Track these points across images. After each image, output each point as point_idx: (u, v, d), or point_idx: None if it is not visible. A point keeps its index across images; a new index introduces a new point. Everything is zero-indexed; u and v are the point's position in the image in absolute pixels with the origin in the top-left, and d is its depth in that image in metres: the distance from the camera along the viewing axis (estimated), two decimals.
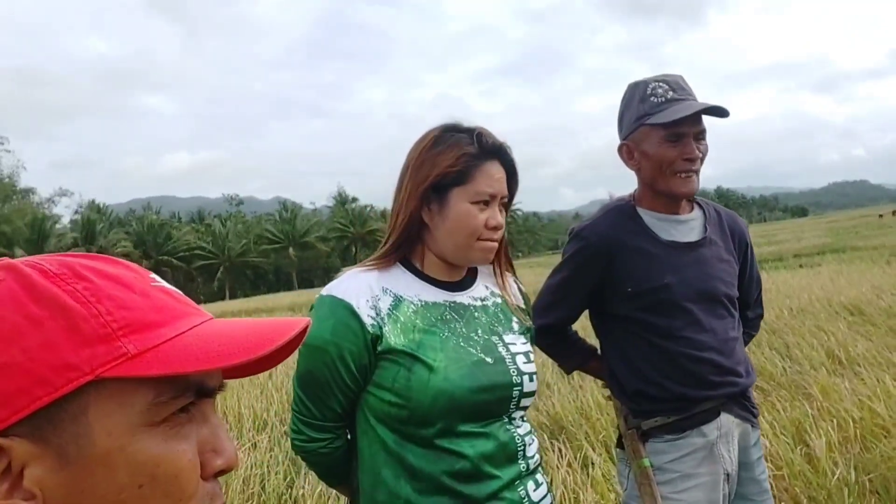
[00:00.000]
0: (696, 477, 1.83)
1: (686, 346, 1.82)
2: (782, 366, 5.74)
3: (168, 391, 0.53)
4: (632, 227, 1.90)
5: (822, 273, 13.58)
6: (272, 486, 4.16)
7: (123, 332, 0.52)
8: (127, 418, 0.52)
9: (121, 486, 0.51)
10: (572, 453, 3.99)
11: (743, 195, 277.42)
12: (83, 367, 0.50)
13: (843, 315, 7.86)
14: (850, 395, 4.37)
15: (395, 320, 1.43)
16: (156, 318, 0.54)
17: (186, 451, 0.54)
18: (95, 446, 0.51)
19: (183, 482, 0.54)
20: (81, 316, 0.52)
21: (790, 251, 26.30)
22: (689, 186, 1.84)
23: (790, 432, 3.87)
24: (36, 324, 0.50)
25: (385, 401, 1.41)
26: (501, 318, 1.57)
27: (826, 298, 9.05)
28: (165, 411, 0.53)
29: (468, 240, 1.47)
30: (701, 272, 1.86)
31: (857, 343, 6.20)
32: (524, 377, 1.49)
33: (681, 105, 1.78)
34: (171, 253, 77.57)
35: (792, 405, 4.44)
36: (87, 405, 0.51)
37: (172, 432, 0.54)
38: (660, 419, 1.86)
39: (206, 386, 0.56)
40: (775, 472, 3.40)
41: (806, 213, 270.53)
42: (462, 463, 1.40)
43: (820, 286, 10.70)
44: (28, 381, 0.49)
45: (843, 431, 3.80)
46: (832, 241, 30.03)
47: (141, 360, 0.51)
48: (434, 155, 1.48)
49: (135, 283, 0.57)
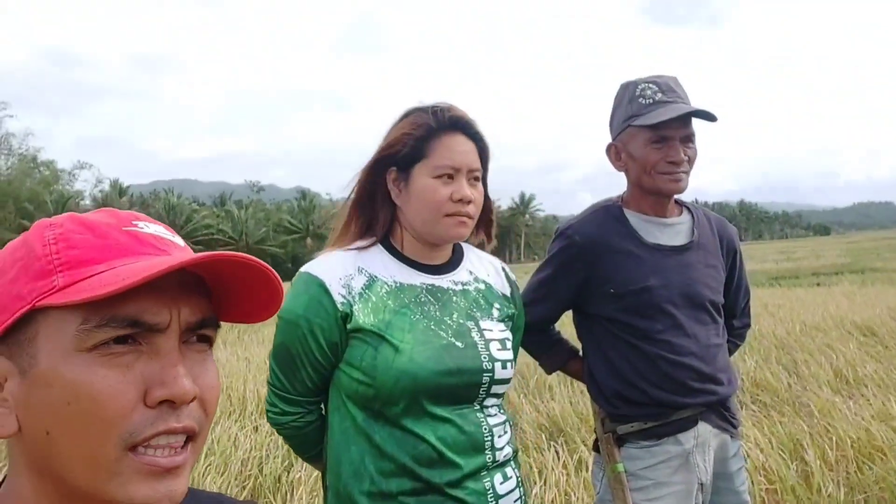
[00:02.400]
0: (670, 485, 1.81)
1: (666, 350, 1.81)
2: (787, 381, 5.72)
3: (92, 319, 0.59)
4: (617, 228, 1.89)
5: (838, 292, 13.46)
6: (269, 469, 4.20)
7: (60, 269, 0.60)
8: (61, 343, 0.59)
9: (55, 402, 0.58)
10: (568, 455, 4.00)
11: (765, 210, 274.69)
12: (27, 298, 0.60)
13: (856, 335, 7.80)
14: (850, 414, 4.35)
15: (366, 300, 1.43)
16: (94, 256, 0.61)
17: (109, 377, 0.58)
18: (40, 365, 0.59)
19: (102, 405, 0.58)
20: (36, 256, 0.61)
21: (808, 269, 26.08)
22: (677, 185, 1.83)
23: (787, 447, 3.86)
24: (14, 262, 0.62)
25: (354, 378, 1.42)
26: (482, 303, 1.56)
27: (839, 317, 8.98)
28: (93, 338, 0.59)
29: (434, 215, 1.46)
30: (685, 276, 1.85)
31: (867, 364, 6.15)
32: (496, 364, 1.48)
33: (667, 108, 1.76)
34: (190, 235, 78.08)
35: (792, 421, 4.42)
36: (38, 330, 0.60)
37: (103, 360, 0.59)
38: (636, 425, 1.84)
39: (142, 320, 0.60)
40: (768, 485, 3.40)
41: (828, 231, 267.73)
42: (423, 446, 1.40)
43: (835, 305, 10.61)
44: (1, 308, 0.61)
45: (841, 450, 3.79)
46: (852, 261, 29.73)
47: (63, 291, 0.59)
48: (393, 131, 1.50)
49: (103, 227, 0.64)
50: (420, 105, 1.52)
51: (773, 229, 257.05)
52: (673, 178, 1.81)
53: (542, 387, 5.97)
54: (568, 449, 4.20)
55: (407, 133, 1.47)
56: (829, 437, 3.92)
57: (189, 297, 0.63)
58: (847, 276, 20.61)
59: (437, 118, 1.47)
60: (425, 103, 1.51)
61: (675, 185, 1.82)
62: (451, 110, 1.49)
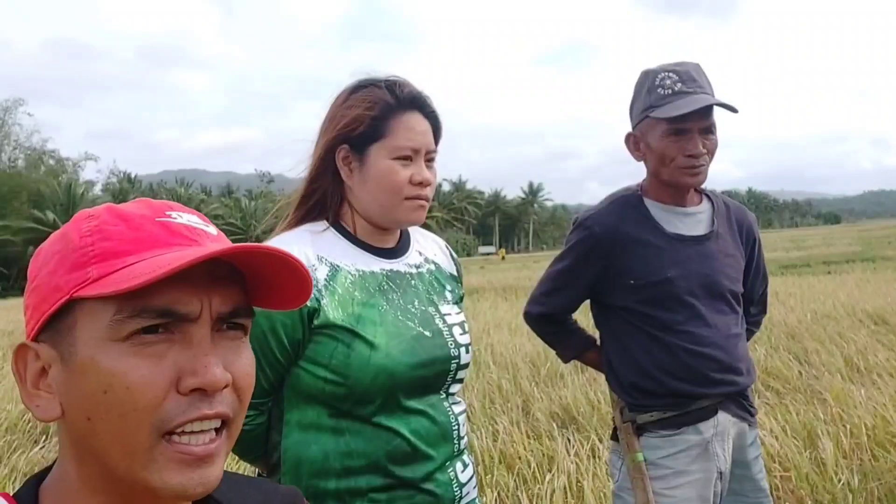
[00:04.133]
0: (689, 474, 1.81)
1: (687, 341, 1.79)
2: (798, 370, 5.71)
3: (125, 310, 0.60)
4: (637, 218, 1.86)
5: (849, 280, 13.40)
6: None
7: (95, 261, 0.62)
8: (97, 333, 0.61)
9: (92, 390, 0.60)
10: (580, 444, 4.02)
11: (775, 199, 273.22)
12: (64, 289, 0.62)
13: (867, 323, 7.79)
14: (864, 402, 4.35)
15: (332, 292, 1.34)
16: (127, 248, 0.63)
17: (142, 366, 0.60)
18: (79, 354, 0.61)
19: (135, 394, 0.60)
20: (73, 248, 0.64)
21: (819, 257, 25.94)
22: (695, 179, 1.81)
23: (801, 435, 3.87)
24: (54, 254, 0.65)
25: (319, 377, 1.33)
26: (436, 286, 1.51)
27: (850, 305, 8.95)
28: (126, 328, 0.60)
29: (393, 199, 1.39)
30: (705, 266, 1.83)
31: (878, 352, 6.14)
32: (461, 349, 1.44)
33: (686, 99, 1.72)
34: None
35: (806, 409, 4.43)
36: (76, 320, 0.62)
37: (136, 349, 0.60)
38: (656, 414, 1.83)
39: (174, 310, 0.61)
40: (783, 473, 3.41)
41: (839, 219, 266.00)
42: (398, 441, 1.34)
43: (846, 293, 10.58)
44: (40, 299, 0.64)
45: (855, 438, 3.79)
46: (862, 249, 29.55)
47: (96, 283, 0.61)
48: (345, 108, 1.40)
49: (137, 218, 0.65)
50: (371, 78, 1.42)
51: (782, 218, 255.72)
52: (691, 172, 1.79)
53: (554, 375, 5.98)
54: (579, 437, 4.22)
55: (365, 111, 1.38)
56: (844, 424, 3.93)
57: (220, 287, 0.64)
58: (858, 264, 20.49)
59: (396, 95, 1.39)
60: (375, 75, 1.43)
61: (694, 178, 1.80)
62: (407, 86, 1.41)
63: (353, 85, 1.43)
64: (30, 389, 0.63)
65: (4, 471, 4.35)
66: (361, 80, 1.43)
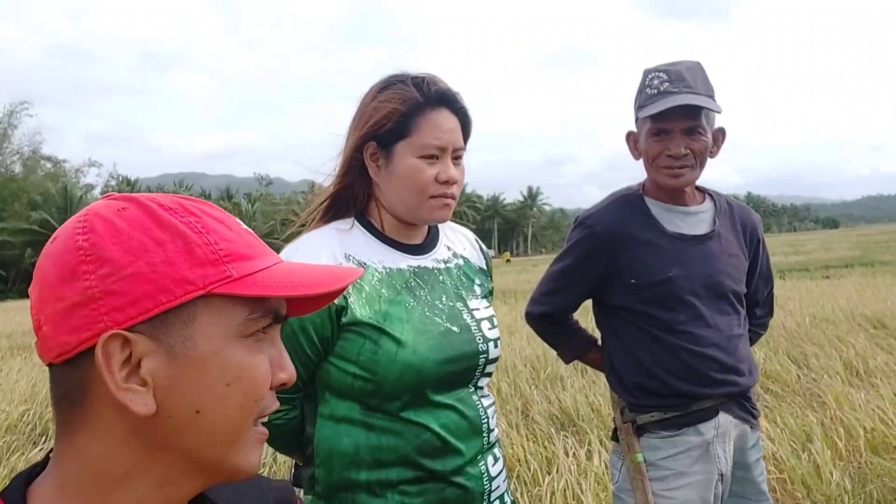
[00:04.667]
0: (690, 475, 1.80)
1: (688, 341, 1.79)
2: (797, 373, 5.72)
3: (258, 311, 0.65)
4: (638, 217, 1.86)
5: (848, 285, 13.41)
6: (283, 457, 4.24)
7: (228, 260, 0.64)
8: (225, 329, 0.63)
9: (212, 382, 0.63)
10: (578, 446, 4.02)
11: (774, 203, 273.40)
12: (198, 283, 0.62)
13: (865, 327, 7.79)
14: (864, 405, 4.36)
15: (359, 290, 1.36)
16: (248, 252, 0.66)
17: (264, 362, 0.66)
18: (197, 348, 0.62)
19: (260, 386, 0.65)
20: (196, 242, 0.63)
21: (818, 262, 25.95)
22: (677, 180, 1.80)
23: (800, 438, 3.88)
24: (159, 244, 0.62)
25: (349, 373, 1.35)
26: (465, 280, 1.51)
27: (849, 310, 8.95)
28: (253, 327, 0.65)
29: (418, 197, 1.39)
30: (707, 266, 1.82)
31: (877, 356, 6.15)
32: (489, 344, 1.45)
33: (667, 99, 1.72)
34: None
35: (804, 412, 4.44)
36: (195, 315, 0.62)
37: (256, 346, 0.66)
38: (657, 415, 1.82)
39: (279, 312, 0.68)
40: (778, 475, 3.42)
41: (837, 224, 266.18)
42: (427, 435, 1.36)
43: (844, 297, 10.58)
44: (153, 288, 0.60)
45: (853, 441, 3.80)
46: (861, 253, 29.56)
47: (242, 282, 0.63)
48: (374, 106, 1.40)
49: (230, 223, 0.69)
50: (401, 74, 1.42)
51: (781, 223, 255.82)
52: (671, 173, 1.79)
53: (553, 378, 5.99)
54: (579, 440, 4.23)
55: (394, 108, 1.38)
56: (842, 427, 3.94)
57: None
58: (857, 268, 20.49)
59: (424, 92, 1.39)
60: (406, 72, 1.43)
61: (674, 180, 1.80)
62: (436, 83, 1.41)
63: (382, 82, 1.43)
64: (120, 383, 0.60)
65: (4, 472, 4.35)
66: (390, 77, 1.43)
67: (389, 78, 1.43)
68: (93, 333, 0.60)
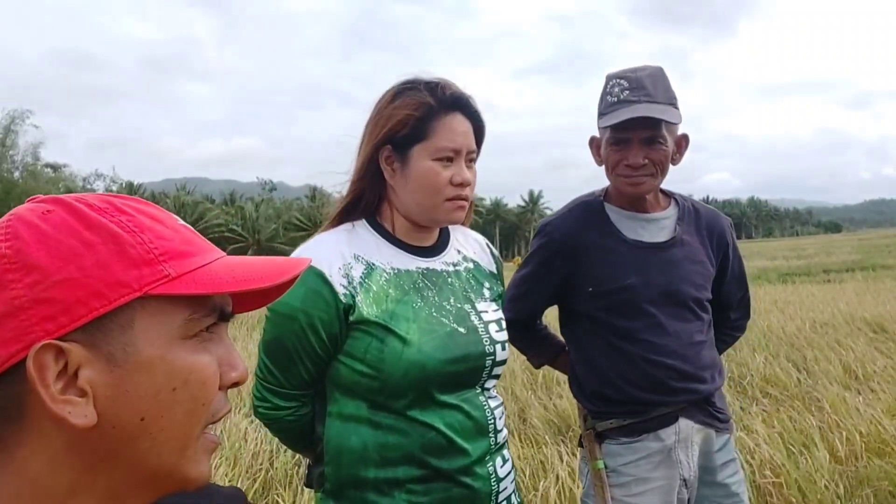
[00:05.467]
0: (651, 481, 1.79)
1: (645, 350, 1.77)
2: (797, 377, 5.71)
3: (200, 309, 0.62)
4: (597, 223, 1.85)
5: (848, 289, 13.40)
6: (280, 463, 4.23)
7: (164, 258, 0.61)
8: (167, 331, 0.60)
9: (158, 388, 0.60)
10: (575, 451, 4.01)
11: (776, 207, 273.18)
12: (133, 285, 0.59)
13: (865, 331, 7.78)
14: (863, 409, 4.34)
15: (367, 289, 1.38)
16: (187, 249, 0.63)
17: (211, 363, 0.63)
18: (140, 354, 0.59)
19: (208, 389, 0.63)
20: (129, 243, 0.60)
21: (818, 265, 25.94)
22: (635, 189, 1.78)
23: (798, 442, 3.86)
24: (89, 247, 0.58)
25: (356, 371, 1.37)
26: (473, 283, 1.53)
27: (849, 314, 8.95)
28: (197, 327, 0.62)
29: (433, 199, 1.41)
30: (667, 274, 1.80)
31: (877, 360, 6.14)
32: (497, 346, 1.46)
33: (626, 108, 1.70)
34: (203, 233, 77.54)
35: (802, 416, 4.42)
36: (134, 318, 0.59)
37: (201, 346, 0.63)
38: (615, 421, 1.82)
39: (224, 310, 0.66)
40: (774, 479, 3.40)
41: (839, 228, 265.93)
42: (432, 434, 1.37)
43: (845, 301, 10.58)
44: (85, 294, 0.57)
45: (850, 445, 3.79)
46: (862, 257, 29.55)
47: (180, 281, 0.60)
48: (389, 110, 1.42)
49: (165, 219, 0.65)
50: (414, 80, 1.45)
51: (783, 226, 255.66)
52: (630, 182, 1.77)
53: (550, 382, 5.98)
54: (573, 445, 4.22)
55: (409, 113, 1.40)
56: (840, 431, 3.92)
57: None
58: (858, 272, 20.48)
59: (438, 97, 1.41)
60: (419, 77, 1.45)
61: (633, 188, 1.78)
62: (449, 87, 1.43)
63: (397, 87, 1.46)
64: (57, 395, 0.56)
65: None
66: (405, 82, 1.45)
67: (403, 83, 1.45)
68: (23, 345, 0.56)
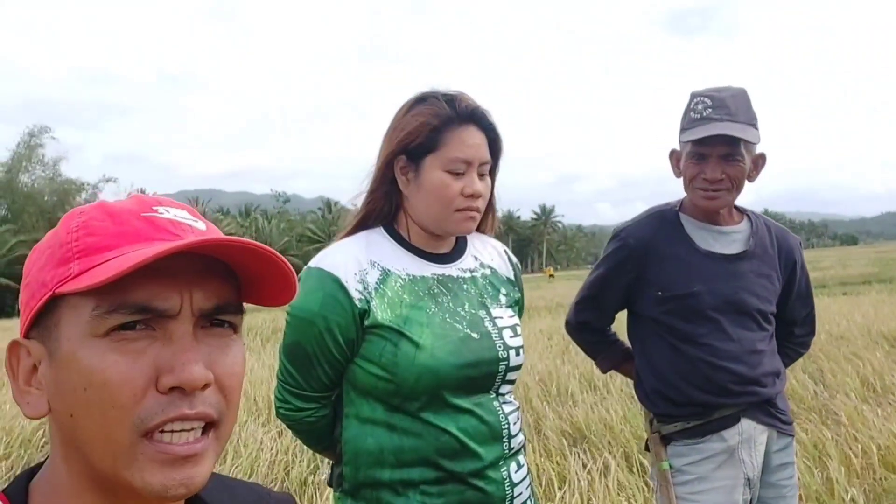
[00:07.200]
0: (714, 480, 1.86)
1: (707, 353, 1.86)
2: (814, 390, 5.66)
3: (103, 305, 0.59)
4: (671, 232, 1.94)
5: (865, 302, 13.27)
6: (296, 473, 4.25)
7: (77, 256, 0.62)
8: (78, 328, 0.60)
9: (73, 386, 0.60)
10: (591, 461, 4.00)
11: (791, 220, 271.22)
12: (49, 285, 0.62)
13: (882, 344, 7.69)
14: (881, 423, 4.30)
15: (382, 295, 1.42)
16: (109, 243, 0.62)
17: (121, 363, 0.59)
18: (61, 350, 0.61)
19: (113, 390, 0.58)
20: (60, 244, 0.63)
21: (835, 278, 25.72)
22: (712, 203, 1.87)
23: (813, 455, 3.84)
24: (43, 252, 0.65)
25: (372, 374, 1.41)
26: (490, 290, 1.56)
27: (866, 326, 8.86)
28: (105, 324, 0.59)
29: (444, 210, 1.44)
30: (733, 285, 1.88)
31: (894, 373, 6.07)
32: (510, 351, 1.49)
33: (708, 125, 1.79)
34: None
35: (819, 429, 4.39)
36: (60, 316, 0.62)
37: (115, 345, 0.59)
38: (679, 424, 1.90)
39: (151, 306, 0.60)
40: None
41: (856, 241, 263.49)
42: (446, 438, 1.40)
43: (861, 314, 10.47)
44: (29, 295, 0.64)
45: (868, 458, 3.76)
46: (879, 270, 29.28)
47: (77, 278, 0.60)
48: (405, 121, 1.47)
49: (124, 214, 0.64)
50: (432, 92, 1.48)
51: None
52: (707, 196, 1.86)
53: (564, 393, 5.97)
54: (591, 455, 4.21)
55: (422, 123, 1.44)
56: (857, 444, 3.89)
57: (205, 282, 0.63)
58: (875, 285, 20.29)
59: (453, 109, 1.44)
60: (436, 89, 1.48)
61: (709, 202, 1.87)
62: (465, 100, 1.46)
63: (414, 98, 1.49)
64: (21, 386, 0.63)
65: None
66: (422, 94, 1.49)
67: (421, 95, 1.49)
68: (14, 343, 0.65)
